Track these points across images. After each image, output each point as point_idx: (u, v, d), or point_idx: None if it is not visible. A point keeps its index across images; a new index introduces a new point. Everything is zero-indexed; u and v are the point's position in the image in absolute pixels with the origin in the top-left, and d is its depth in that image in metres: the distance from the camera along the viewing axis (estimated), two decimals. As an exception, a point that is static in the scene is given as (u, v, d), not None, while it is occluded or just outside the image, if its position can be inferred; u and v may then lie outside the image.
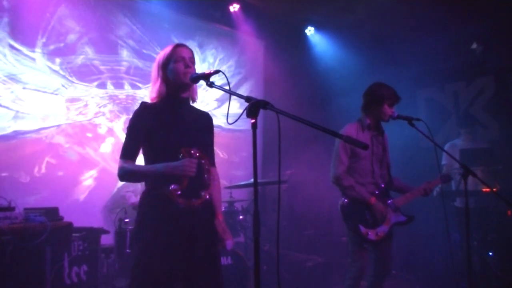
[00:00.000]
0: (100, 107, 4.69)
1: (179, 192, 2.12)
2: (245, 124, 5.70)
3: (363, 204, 3.11)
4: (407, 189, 3.32)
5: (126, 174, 2.19)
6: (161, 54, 2.29)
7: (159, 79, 2.25)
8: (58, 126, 4.35)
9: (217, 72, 2.06)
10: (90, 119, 4.59)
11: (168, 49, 2.27)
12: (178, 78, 2.20)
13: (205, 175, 2.24)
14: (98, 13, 4.72)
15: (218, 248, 2.24)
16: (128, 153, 2.21)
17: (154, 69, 2.29)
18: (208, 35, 5.78)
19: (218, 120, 5.60)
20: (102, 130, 4.68)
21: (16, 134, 4.09)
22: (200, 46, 5.67)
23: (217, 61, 5.90)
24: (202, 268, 2.16)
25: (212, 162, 2.35)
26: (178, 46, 2.27)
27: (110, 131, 4.74)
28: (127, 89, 4.94)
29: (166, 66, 2.24)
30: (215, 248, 2.24)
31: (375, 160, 3.23)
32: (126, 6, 4.95)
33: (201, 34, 5.70)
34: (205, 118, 2.41)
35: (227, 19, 5.76)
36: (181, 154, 2.13)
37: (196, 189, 2.19)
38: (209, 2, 5.53)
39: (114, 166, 4.49)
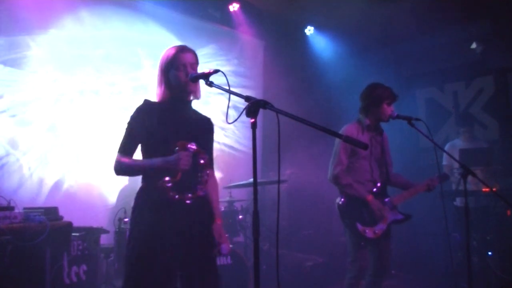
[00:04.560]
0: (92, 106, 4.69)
1: (170, 184, 2.10)
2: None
3: (360, 202, 3.12)
4: (409, 185, 3.34)
5: (123, 168, 2.19)
6: (163, 56, 2.27)
7: (163, 83, 2.25)
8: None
9: (216, 71, 2.05)
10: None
11: (170, 53, 2.24)
12: (179, 85, 2.21)
13: (201, 171, 2.22)
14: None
15: (214, 250, 2.23)
16: (126, 148, 2.21)
17: (158, 71, 2.28)
18: (207, 34, 5.76)
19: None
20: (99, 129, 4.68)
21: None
22: (200, 46, 5.65)
23: (217, 60, 5.89)
24: (199, 266, 2.16)
25: (210, 163, 2.34)
26: (180, 51, 2.24)
27: (108, 130, 4.73)
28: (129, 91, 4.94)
29: (168, 71, 2.23)
30: (211, 248, 2.22)
31: (373, 159, 3.25)
32: (125, 6, 4.94)
33: (201, 33, 5.67)
34: (206, 122, 2.42)
35: (226, 19, 5.75)
36: (177, 147, 2.09)
37: (190, 184, 2.17)
38: (208, 2, 5.52)
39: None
